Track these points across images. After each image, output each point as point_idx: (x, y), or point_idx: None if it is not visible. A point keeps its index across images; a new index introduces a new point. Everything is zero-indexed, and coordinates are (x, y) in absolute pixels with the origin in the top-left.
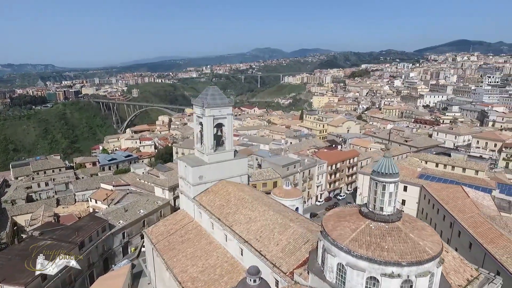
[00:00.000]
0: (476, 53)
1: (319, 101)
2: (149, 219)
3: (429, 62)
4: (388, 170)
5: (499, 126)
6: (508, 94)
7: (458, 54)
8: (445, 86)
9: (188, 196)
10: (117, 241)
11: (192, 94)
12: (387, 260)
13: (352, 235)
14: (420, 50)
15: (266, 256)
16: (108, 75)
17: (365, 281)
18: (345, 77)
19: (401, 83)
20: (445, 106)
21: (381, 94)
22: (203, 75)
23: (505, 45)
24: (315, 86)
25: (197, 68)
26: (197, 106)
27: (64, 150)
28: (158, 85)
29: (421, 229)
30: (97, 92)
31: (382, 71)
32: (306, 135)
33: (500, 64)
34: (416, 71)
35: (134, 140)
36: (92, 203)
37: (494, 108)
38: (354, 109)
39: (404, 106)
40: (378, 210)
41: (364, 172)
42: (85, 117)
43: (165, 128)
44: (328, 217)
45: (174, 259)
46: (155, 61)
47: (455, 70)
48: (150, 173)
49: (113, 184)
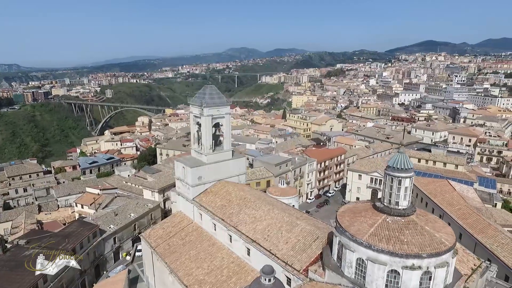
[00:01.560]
0: (443, 53)
1: (298, 100)
2: (140, 223)
3: (400, 62)
4: (403, 165)
5: (470, 123)
6: (476, 92)
7: (427, 54)
8: (417, 84)
9: (187, 198)
10: (108, 247)
11: (168, 94)
12: (408, 253)
13: (371, 230)
14: (391, 50)
15: (276, 254)
16: (79, 76)
17: (386, 275)
18: (321, 77)
19: (376, 82)
20: (419, 104)
21: (358, 93)
22: (179, 75)
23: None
24: (293, 86)
25: (172, 68)
26: (195, 105)
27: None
28: (133, 86)
29: (433, 221)
30: (68, 93)
31: (356, 70)
32: (291, 134)
33: (465, 64)
34: (389, 71)
35: (115, 142)
36: (77, 208)
37: (464, 105)
38: (333, 107)
39: (380, 104)
40: (393, 205)
41: (353, 169)
42: (56, 119)
43: (146, 129)
44: (343, 213)
45: (177, 262)
46: (128, 61)
47: (425, 69)
48: (137, 175)
49: (100, 187)
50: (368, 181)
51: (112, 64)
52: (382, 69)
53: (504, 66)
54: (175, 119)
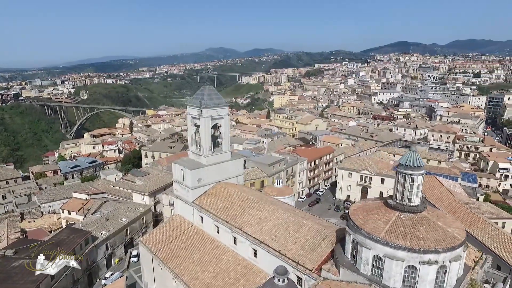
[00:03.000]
0: (415, 54)
1: (280, 100)
2: (132, 228)
3: (376, 62)
4: (415, 163)
5: (446, 120)
6: (449, 91)
7: (400, 54)
8: (394, 84)
9: (186, 201)
10: (100, 253)
11: (146, 95)
12: (425, 248)
13: (386, 227)
14: (366, 51)
15: (286, 255)
16: (51, 76)
17: (404, 270)
18: (300, 77)
19: (354, 82)
20: (396, 103)
21: (338, 93)
22: (157, 75)
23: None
24: (272, 86)
25: (150, 68)
26: (193, 106)
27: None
28: (109, 86)
29: (443, 216)
30: (40, 94)
31: (334, 70)
32: (277, 134)
33: (437, 64)
34: (365, 70)
35: (96, 145)
36: (64, 214)
37: (439, 103)
38: (314, 107)
39: (360, 103)
40: (406, 202)
41: (343, 167)
42: (28, 122)
43: (127, 131)
44: (355, 212)
45: (181, 267)
46: (103, 61)
47: (400, 69)
48: (125, 179)
49: (88, 192)
50: (358, 179)
51: (85, 64)
52: (359, 69)
53: (472, 66)
54: (157, 120)
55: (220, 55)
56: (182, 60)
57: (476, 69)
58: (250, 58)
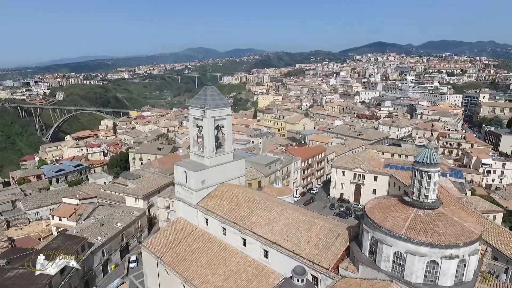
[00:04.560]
0: (392, 54)
1: (264, 100)
2: (127, 232)
3: (355, 62)
4: (432, 160)
5: (427, 118)
6: (427, 90)
7: (378, 54)
8: (375, 83)
9: (190, 203)
10: (97, 260)
11: (126, 96)
12: (446, 243)
13: (406, 224)
14: (345, 51)
15: (301, 254)
16: (23, 77)
17: (426, 265)
18: (282, 76)
19: (336, 82)
20: (378, 102)
21: (321, 92)
22: (136, 76)
23: (413, 47)
24: (255, 86)
25: (128, 68)
26: (196, 107)
27: None
28: (86, 87)
29: (457, 212)
30: (13, 96)
31: (315, 70)
32: (267, 134)
33: (413, 63)
34: (345, 70)
35: (80, 148)
36: (55, 221)
37: (420, 102)
38: (298, 106)
39: (343, 102)
40: (423, 198)
41: (336, 165)
42: (0, 124)
43: (110, 133)
44: (372, 209)
45: (189, 271)
46: (79, 61)
47: (378, 69)
48: (115, 182)
49: (79, 197)
50: (352, 177)
51: (60, 65)
52: (339, 69)
53: (446, 66)
54: (142, 121)
55: (200, 55)
56: (161, 60)
57: (450, 69)
58: (231, 58)
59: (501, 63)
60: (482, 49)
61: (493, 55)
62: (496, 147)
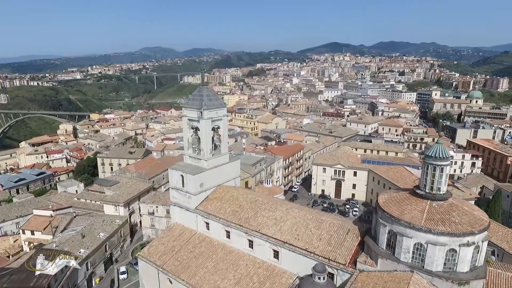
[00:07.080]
0: (348, 54)
1: (230, 99)
2: (110, 242)
3: (313, 61)
4: (444, 154)
5: (387, 115)
6: (385, 88)
7: (335, 54)
8: (336, 82)
9: (187, 208)
10: (81, 274)
11: (79, 98)
12: (464, 231)
13: (424, 216)
14: (303, 51)
15: (315, 252)
16: None
17: (445, 254)
18: (244, 76)
19: (298, 81)
20: (341, 100)
21: (286, 91)
22: (89, 76)
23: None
24: (217, 86)
25: (80, 68)
26: (191, 108)
27: None
28: (34, 89)
29: (464, 202)
30: None
31: (276, 70)
32: (240, 134)
33: (367, 63)
34: (305, 70)
35: (39, 155)
36: (26, 235)
37: (379, 100)
38: (264, 106)
39: (308, 101)
40: (436, 191)
41: (317, 163)
42: None
43: (71, 137)
44: (386, 203)
45: (196, 278)
46: (22, 61)
47: (336, 68)
48: (90, 190)
49: (52, 208)
50: (332, 173)
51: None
52: (299, 68)
53: (397, 65)
54: (106, 124)
55: (158, 54)
56: (116, 60)
57: (401, 68)
58: (191, 58)
59: (443, 62)
60: (426, 49)
61: (436, 56)
62: (453, 140)
